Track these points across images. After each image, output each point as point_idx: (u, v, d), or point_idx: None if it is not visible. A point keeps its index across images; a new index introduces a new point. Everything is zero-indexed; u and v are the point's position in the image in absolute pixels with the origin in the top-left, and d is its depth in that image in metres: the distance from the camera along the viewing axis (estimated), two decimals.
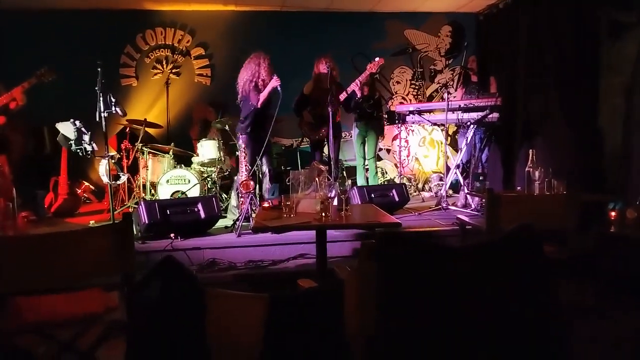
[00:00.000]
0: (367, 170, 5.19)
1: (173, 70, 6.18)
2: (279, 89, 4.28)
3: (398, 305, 1.34)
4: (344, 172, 2.54)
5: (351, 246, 3.67)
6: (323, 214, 2.37)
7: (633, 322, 2.65)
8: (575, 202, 2.65)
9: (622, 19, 4.20)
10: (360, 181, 5.18)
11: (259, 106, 4.38)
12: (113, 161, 4.61)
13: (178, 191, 4.77)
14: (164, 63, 6.17)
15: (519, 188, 3.77)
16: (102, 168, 4.75)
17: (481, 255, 1.45)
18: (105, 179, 4.60)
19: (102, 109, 3.65)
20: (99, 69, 3.63)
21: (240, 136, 4.46)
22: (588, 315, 2.79)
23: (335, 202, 2.45)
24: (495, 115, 4.65)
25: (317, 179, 2.52)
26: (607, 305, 2.95)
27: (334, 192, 2.51)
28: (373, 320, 1.28)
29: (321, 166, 2.60)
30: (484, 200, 3.18)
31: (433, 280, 1.37)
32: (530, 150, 3.15)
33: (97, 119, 3.68)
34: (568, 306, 2.65)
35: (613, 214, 3.50)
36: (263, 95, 4.36)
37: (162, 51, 6.16)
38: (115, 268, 1.84)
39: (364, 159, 5.18)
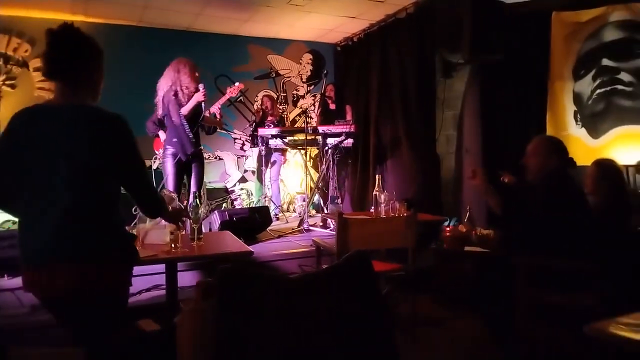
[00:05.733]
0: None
1: (6, 82, 5.44)
2: (202, 105, 3.83)
3: (240, 343, 1.32)
4: (198, 199, 2.45)
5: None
6: (172, 246, 2.26)
7: (466, 328, 3.00)
8: (414, 222, 2.93)
9: (452, 60, 4.85)
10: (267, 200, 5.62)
11: (179, 122, 3.80)
12: None
13: (9, 220, 4.17)
14: None
15: (372, 209, 4.04)
16: None
17: (320, 283, 1.51)
18: None
19: None
20: None
21: (162, 159, 3.95)
22: (427, 325, 3.09)
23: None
24: (350, 140, 4.97)
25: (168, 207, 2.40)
26: (442, 314, 3.30)
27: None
28: None
29: (172, 194, 2.48)
30: None
31: (274, 314, 1.39)
32: (377, 175, 3.42)
33: None
34: (408, 318, 2.92)
35: (448, 230, 3.95)
36: (185, 110, 3.80)
37: None
38: None
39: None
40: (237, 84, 4.69)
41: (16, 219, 4.14)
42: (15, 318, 2.81)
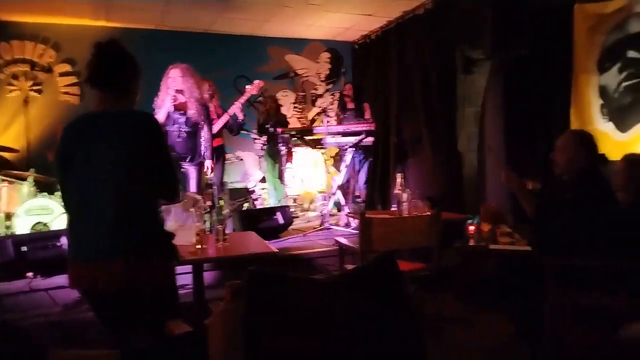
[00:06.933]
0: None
1: (33, 88, 5.58)
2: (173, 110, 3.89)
3: (269, 344, 1.33)
4: (221, 201, 2.48)
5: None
6: (198, 246, 2.30)
7: (492, 327, 2.96)
8: (438, 221, 2.91)
9: (472, 56, 4.79)
10: (274, 201, 5.53)
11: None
12: None
13: (40, 222, 4.29)
14: (22, 79, 5.55)
15: (394, 208, 4.03)
16: None
17: (347, 285, 1.51)
18: None
19: None
20: None
21: None
22: (453, 324, 3.07)
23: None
24: (370, 139, 4.95)
25: (191, 209, 2.44)
26: (469, 313, 3.27)
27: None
28: None
29: (196, 196, 2.52)
30: None
31: (302, 315, 1.40)
32: (399, 174, 3.41)
33: None
34: (433, 318, 2.91)
35: (471, 228, 3.91)
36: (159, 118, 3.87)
37: (19, 66, 5.53)
38: None
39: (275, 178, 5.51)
40: (256, 81, 4.72)
41: (48, 221, 4.23)
42: (49, 317, 2.89)
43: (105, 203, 1.60)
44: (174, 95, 3.87)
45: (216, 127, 4.54)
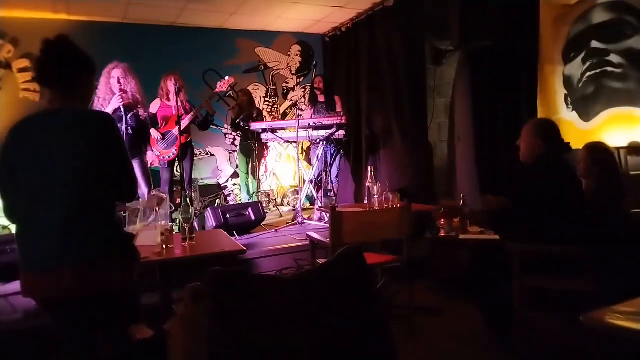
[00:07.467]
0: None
1: None
2: (121, 110, 3.88)
3: (234, 347, 1.30)
4: (188, 199, 2.41)
5: None
6: (164, 247, 2.23)
7: (463, 316, 3.00)
8: (408, 213, 2.91)
9: (441, 47, 4.81)
10: (245, 196, 5.57)
11: None
12: None
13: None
14: None
15: (366, 201, 4.02)
16: None
17: (314, 281, 1.49)
18: None
19: None
20: None
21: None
22: (425, 315, 3.09)
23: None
24: (342, 132, 4.93)
25: (157, 208, 2.37)
26: (440, 303, 3.30)
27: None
28: None
29: (162, 194, 2.45)
30: None
31: (268, 315, 1.36)
32: (369, 167, 3.40)
33: None
34: (405, 308, 2.92)
35: (442, 219, 3.94)
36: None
37: None
38: None
39: (247, 174, 5.54)
40: (226, 78, 4.64)
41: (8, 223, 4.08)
42: (10, 325, 2.78)
43: (60, 205, 1.52)
44: (119, 94, 3.90)
45: (184, 123, 4.43)
